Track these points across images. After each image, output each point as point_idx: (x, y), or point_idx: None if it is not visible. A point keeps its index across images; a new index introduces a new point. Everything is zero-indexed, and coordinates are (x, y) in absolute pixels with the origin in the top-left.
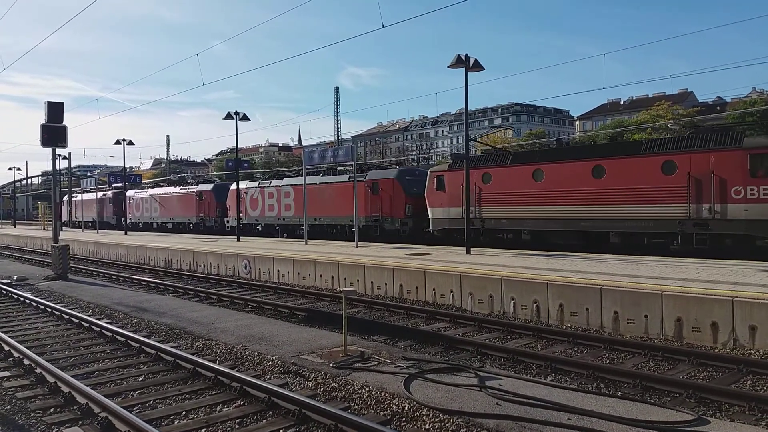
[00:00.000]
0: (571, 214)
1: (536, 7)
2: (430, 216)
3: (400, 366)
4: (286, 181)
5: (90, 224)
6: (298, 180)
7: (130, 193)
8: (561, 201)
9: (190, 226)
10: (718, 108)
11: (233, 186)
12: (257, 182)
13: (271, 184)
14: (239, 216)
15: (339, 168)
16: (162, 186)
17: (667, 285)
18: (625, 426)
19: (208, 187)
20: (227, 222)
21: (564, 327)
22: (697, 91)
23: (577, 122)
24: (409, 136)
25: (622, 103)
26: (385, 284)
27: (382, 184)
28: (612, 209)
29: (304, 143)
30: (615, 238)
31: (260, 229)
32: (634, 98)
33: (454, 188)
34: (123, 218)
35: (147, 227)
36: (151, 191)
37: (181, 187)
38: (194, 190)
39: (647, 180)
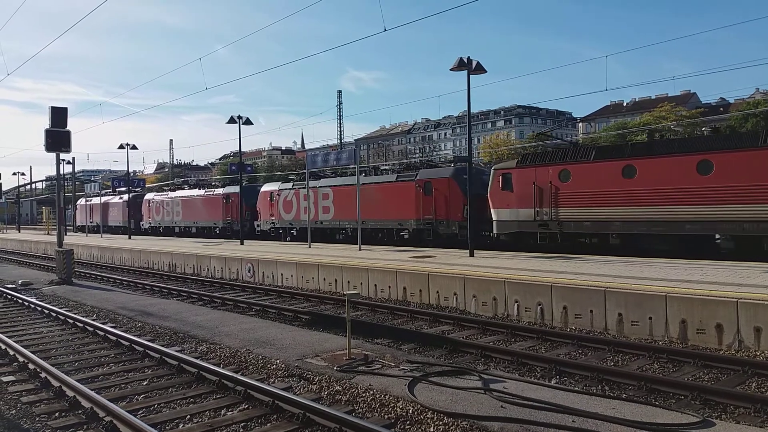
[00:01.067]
0: (670, 215)
1: (538, 10)
2: (494, 218)
3: (404, 369)
4: (324, 182)
5: (105, 229)
6: (339, 181)
7: (149, 196)
8: (658, 200)
9: (216, 230)
10: (722, 109)
11: (264, 188)
12: (290, 183)
13: (306, 187)
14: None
15: (382, 167)
16: (184, 188)
17: (672, 287)
18: (630, 428)
19: (236, 189)
20: (257, 226)
21: (568, 329)
22: (700, 92)
23: (580, 124)
24: (412, 139)
25: (624, 104)
26: (389, 287)
27: (435, 183)
28: (722, 209)
29: (307, 147)
30: (727, 243)
31: (295, 234)
32: (637, 100)
33: (525, 187)
34: (128, 222)
35: (168, 232)
36: (172, 194)
37: (206, 189)
38: (220, 192)
39: None
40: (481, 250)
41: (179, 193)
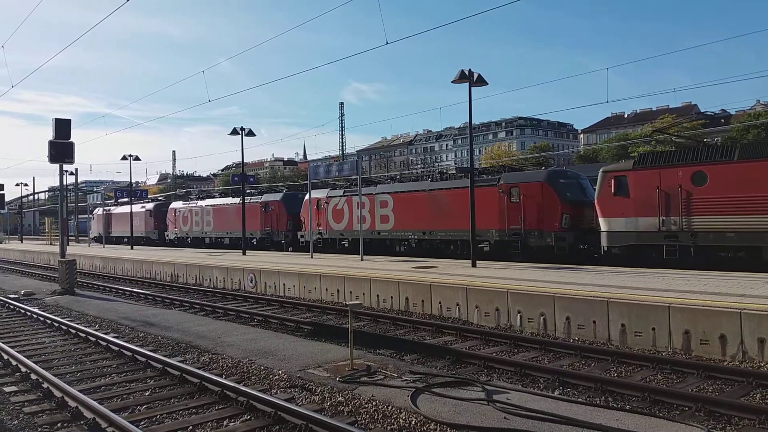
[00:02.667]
0: None
1: (539, 22)
2: (603, 228)
3: (406, 380)
4: (382, 188)
5: (125, 240)
6: (401, 187)
7: (176, 205)
8: None
9: (253, 241)
10: (723, 120)
11: (307, 196)
12: (341, 190)
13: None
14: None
15: (450, 172)
16: (214, 197)
17: (675, 297)
18: None
19: (277, 197)
20: (301, 236)
21: (571, 340)
22: (701, 104)
23: (581, 136)
24: (414, 150)
25: (626, 116)
26: (391, 297)
27: (524, 189)
28: None
29: (309, 158)
30: None
31: (347, 245)
32: (638, 111)
33: (645, 192)
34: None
35: (198, 243)
36: (202, 202)
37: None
38: (258, 200)
39: None
40: (587, 265)
41: (210, 201)
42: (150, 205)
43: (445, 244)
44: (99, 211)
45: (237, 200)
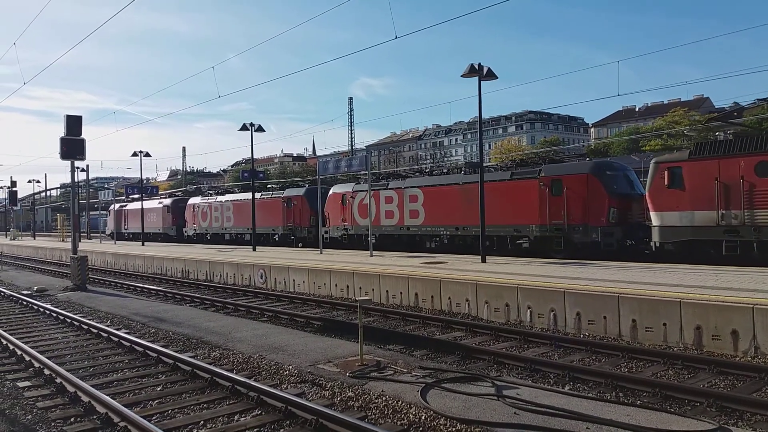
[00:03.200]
0: None
1: (550, 16)
2: (655, 223)
3: (416, 375)
4: (411, 181)
5: (141, 237)
6: (432, 180)
7: (195, 200)
8: None
9: (275, 237)
10: (735, 114)
11: (335, 189)
12: (367, 184)
13: (389, 186)
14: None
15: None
16: (234, 192)
17: (686, 292)
18: None
19: (300, 191)
20: (326, 232)
21: (581, 335)
22: (713, 97)
23: (592, 129)
24: (423, 145)
25: (637, 110)
26: (401, 293)
27: (568, 181)
28: None
29: (318, 153)
30: None
31: (374, 241)
32: (649, 105)
33: (701, 184)
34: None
35: (217, 239)
36: (222, 198)
37: (263, 192)
38: (280, 195)
39: None
40: (635, 262)
41: (230, 196)
42: (167, 201)
43: (478, 240)
44: (115, 207)
45: (259, 195)
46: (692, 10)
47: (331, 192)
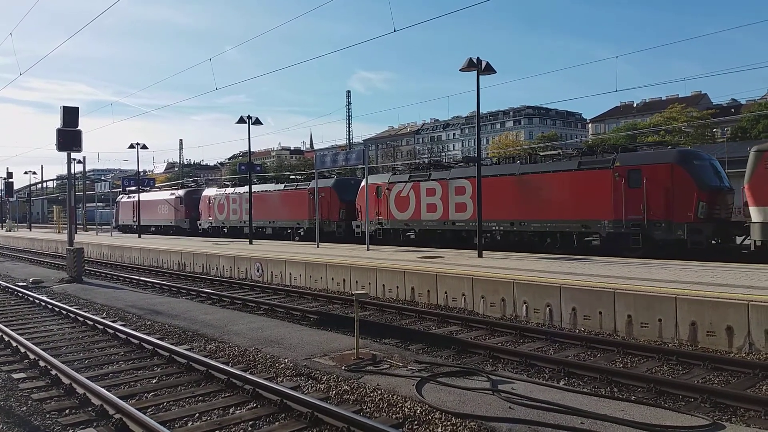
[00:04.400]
0: None
1: (548, 10)
2: (755, 219)
3: (412, 369)
4: (457, 171)
5: (152, 230)
6: (484, 171)
7: (210, 192)
8: None
9: (300, 231)
10: (733, 110)
11: (368, 180)
12: (406, 175)
13: (432, 177)
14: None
15: (542, 151)
16: (254, 182)
17: (682, 288)
18: (639, 431)
19: (328, 182)
20: (356, 227)
21: (577, 330)
22: (711, 93)
23: (590, 125)
24: (421, 140)
25: (635, 105)
26: (397, 287)
27: (649, 171)
28: None
29: (316, 147)
30: None
31: (413, 237)
32: (647, 101)
33: None
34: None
35: (235, 233)
36: (240, 189)
37: (286, 183)
38: (306, 186)
39: None
40: (720, 261)
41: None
42: (180, 192)
43: (540, 237)
44: (123, 198)
45: (282, 186)
46: (692, 6)
47: (363, 184)
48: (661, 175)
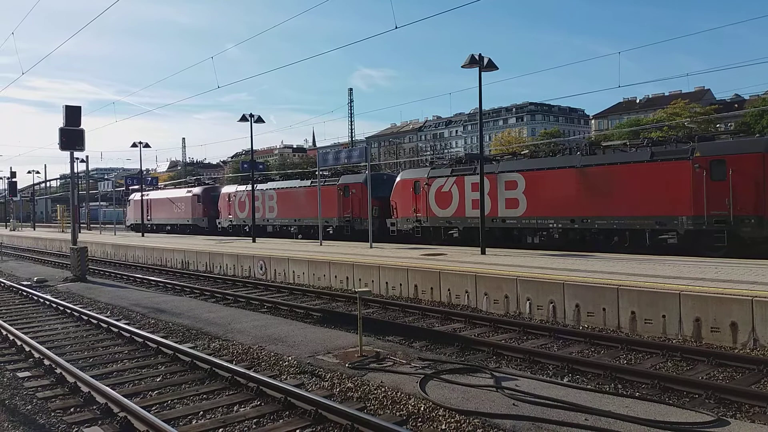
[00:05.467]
0: None
1: (551, 6)
2: None
3: (415, 366)
4: (506, 165)
5: (167, 228)
6: (536, 163)
7: (230, 189)
8: None
9: (329, 230)
10: (736, 106)
11: (404, 176)
12: (448, 169)
13: (477, 171)
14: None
15: (605, 144)
16: (276, 179)
17: (686, 285)
18: (643, 427)
19: (359, 178)
20: (392, 224)
21: (581, 327)
22: (715, 88)
23: (593, 121)
24: (423, 137)
25: (638, 101)
26: (400, 285)
27: (735, 162)
28: None
29: (318, 145)
30: None
31: (456, 235)
32: (650, 97)
33: None
34: (144, 219)
35: (257, 231)
36: (263, 185)
37: (312, 179)
38: (335, 182)
39: None
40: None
41: (272, 184)
42: (197, 189)
43: (606, 235)
44: (136, 196)
45: (308, 183)
46: (694, 1)
47: (399, 178)
48: (751, 167)
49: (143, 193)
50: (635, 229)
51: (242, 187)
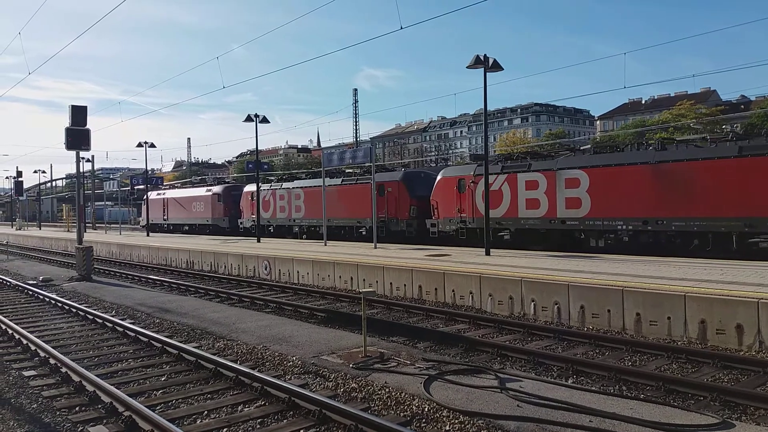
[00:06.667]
0: None
1: (556, 7)
2: None
3: (419, 367)
4: (566, 161)
5: (185, 229)
6: (608, 159)
7: (253, 187)
8: None
9: (362, 230)
10: (743, 107)
11: (446, 174)
12: (499, 165)
13: (532, 168)
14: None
15: (679, 135)
16: (300, 177)
17: (691, 286)
18: (647, 429)
19: (395, 176)
20: (432, 225)
21: (585, 329)
22: (721, 89)
23: (598, 122)
24: (428, 137)
25: (643, 102)
26: (404, 285)
27: None
28: None
29: (323, 145)
30: None
31: (507, 237)
32: (656, 97)
33: None
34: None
35: (282, 232)
36: (289, 184)
37: (343, 177)
38: (369, 180)
39: None
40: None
41: (300, 182)
42: (218, 188)
43: (684, 237)
44: (152, 195)
45: (339, 180)
46: (700, 2)
47: (440, 176)
48: None
49: (160, 192)
50: (719, 232)
51: (266, 186)
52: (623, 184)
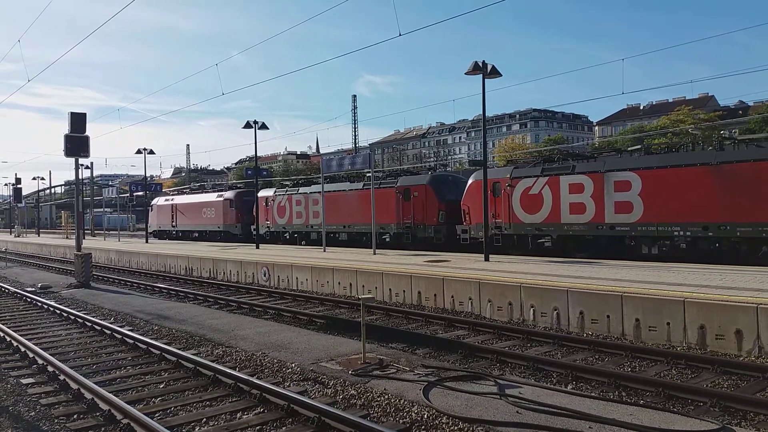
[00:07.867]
0: None
1: (554, 13)
2: None
3: (419, 374)
4: (614, 162)
5: (195, 235)
6: (656, 160)
7: (267, 192)
8: None
9: (386, 237)
10: (741, 112)
11: (477, 177)
12: (538, 168)
13: (576, 171)
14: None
15: (740, 137)
16: (317, 182)
17: (690, 292)
18: None
19: (422, 179)
20: (462, 232)
21: (584, 334)
22: (719, 95)
23: (597, 128)
24: (427, 143)
25: (641, 108)
26: (404, 291)
27: None
28: None
29: (321, 151)
30: None
31: (548, 244)
32: (654, 103)
33: None
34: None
35: (300, 238)
36: (306, 188)
37: (364, 181)
38: (393, 184)
39: None
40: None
41: (318, 187)
42: (230, 193)
43: (751, 244)
44: (160, 201)
45: (360, 185)
46: (698, 8)
47: (472, 180)
48: None
49: (168, 197)
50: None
51: (281, 191)
52: (681, 187)
